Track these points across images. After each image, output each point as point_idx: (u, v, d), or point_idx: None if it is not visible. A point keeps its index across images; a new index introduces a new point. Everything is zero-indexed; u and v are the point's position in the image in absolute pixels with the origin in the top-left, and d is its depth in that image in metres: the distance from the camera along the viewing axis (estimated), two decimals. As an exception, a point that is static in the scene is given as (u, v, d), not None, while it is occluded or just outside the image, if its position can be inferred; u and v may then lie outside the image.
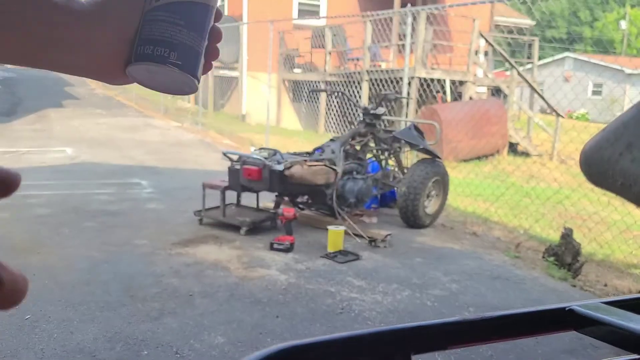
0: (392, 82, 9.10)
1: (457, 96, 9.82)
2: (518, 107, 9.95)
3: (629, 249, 4.09)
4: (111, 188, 4.70)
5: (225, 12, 12.80)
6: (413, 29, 5.98)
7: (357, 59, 10.89)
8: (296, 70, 11.71)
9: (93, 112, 10.64)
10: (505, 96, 9.66)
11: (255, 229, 3.56)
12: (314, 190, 3.51)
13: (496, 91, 10.87)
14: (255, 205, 3.92)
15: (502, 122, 8.26)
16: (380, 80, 9.11)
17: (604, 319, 0.34)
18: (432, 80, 9.25)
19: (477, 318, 0.34)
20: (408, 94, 6.16)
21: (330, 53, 10.68)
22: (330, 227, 3.27)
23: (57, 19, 0.35)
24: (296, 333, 2.20)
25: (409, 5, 10.42)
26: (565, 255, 3.28)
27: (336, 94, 4.50)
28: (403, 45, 5.72)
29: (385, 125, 4.23)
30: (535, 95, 10.73)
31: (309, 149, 4.19)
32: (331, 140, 3.89)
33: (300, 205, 3.87)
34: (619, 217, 4.40)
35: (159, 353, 1.96)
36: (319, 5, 12.39)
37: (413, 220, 3.87)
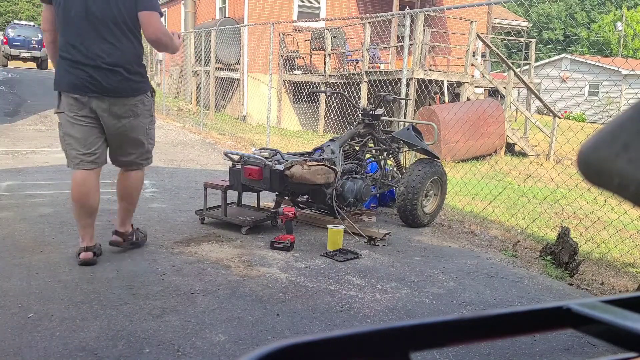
0: (390, 83, 9.14)
1: (454, 97, 9.87)
2: (515, 107, 9.99)
3: (625, 248, 4.13)
4: (114, 187, 4.69)
5: (227, 14, 12.83)
6: (411, 31, 6.01)
7: (357, 61, 10.93)
8: (296, 72, 11.74)
9: (94, 113, 10.63)
10: (502, 97, 9.70)
11: (256, 228, 3.59)
12: (314, 190, 3.54)
13: (493, 92, 10.92)
14: (256, 205, 3.95)
15: (500, 123, 8.30)
16: (379, 81, 9.15)
17: (602, 317, 0.34)
18: (430, 81, 9.29)
19: (475, 316, 0.34)
20: (406, 95, 6.19)
21: (329, 55, 10.71)
22: (330, 226, 3.29)
23: None
24: (296, 331, 2.22)
25: (407, 7, 10.47)
26: (562, 254, 3.31)
27: (336, 95, 4.53)
28: (401, 47, 5.75)
29: (384, 126, 4.26)
30: (532, 96, 10.78)
31: (309, 149, 4.21)
32: (331, 140, 3.91)
33: (301, 205, 3.90)
34: (616, 217, 4.44)
35: (161, 351, 1.97)
36: (319, 8, 12.43)
37: (411, 219, 3.90)
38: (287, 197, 3.67)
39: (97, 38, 2.57)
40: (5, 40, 20.22)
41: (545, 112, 11.46)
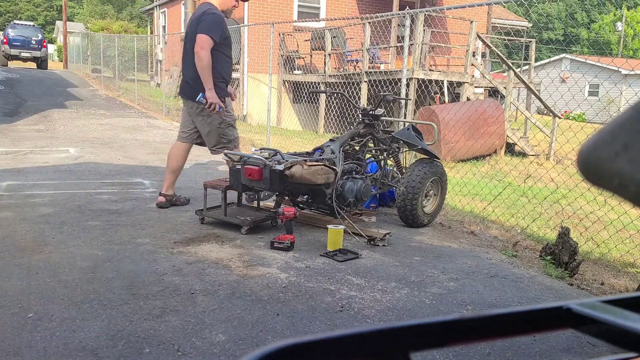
0: (390, 83, 9.15)
1: (454, 97, 9.87)
2: (515, 107, 10.00)
3: (625, 248, 4.13)
4: (114, 187, 4.72)
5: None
6: (411, 31, 6.01)
7: (357, 61, 10.93)
8: (296, 72, 11.74)
9: (96, 113, 10.64)
10: (502, 97, 9.71)
11: (256, 228, 3.59)
12: (314, 190, 3.54)
13: (493, 92, 10.92)
14: (255, 205, 3.95)
15: (500, 123, 8.30)
16: (379, 81, 9.16)
17: (602, 317, 0.34)
18: (430, 81, 9.30)
19: (475, 316, 0.34)
20: (406, 95, 6.19)
21: (329, 55, 10.71)
22: (329, 226, 3.29)
23: None
24: (296, 331, 2.22)
25: (407, 7, 10.49)
26: (562, 254, 3.31)
27: (336, 95, 4.53)
28: (401, 47, 5.75)
29: (384, 126, 4.26)
30: (532, 96, 10.78)
31: (309, 149, 4.21)
32: (331, 140, 3.91)
33: (301, 205, 3.90)
34: (615, 217, 4.44)
35: (161, 351, 1.97)
36: (319, 8, 12.43)
37: (411, 219, 3.89)
38: (287, 197, 3.67)
39: (186, 61, 3.91)
40: (5, 40, 20.25)
41: (545, 112, 11.47)
